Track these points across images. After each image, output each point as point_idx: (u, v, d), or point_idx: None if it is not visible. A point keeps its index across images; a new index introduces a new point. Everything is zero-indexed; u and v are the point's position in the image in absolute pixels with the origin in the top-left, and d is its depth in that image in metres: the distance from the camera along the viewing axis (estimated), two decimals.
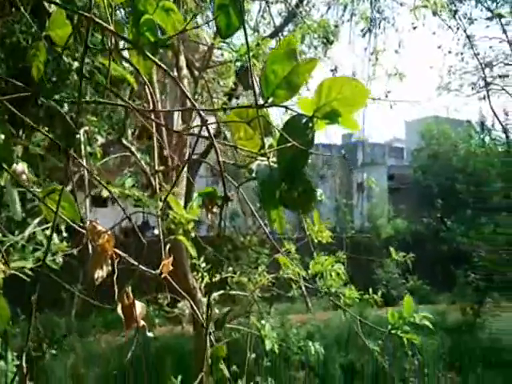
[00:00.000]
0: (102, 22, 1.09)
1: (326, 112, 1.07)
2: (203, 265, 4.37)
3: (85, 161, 2.54)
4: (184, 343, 7.70)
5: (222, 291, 4.43)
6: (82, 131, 2.64)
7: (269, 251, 8.97)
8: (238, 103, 5.74)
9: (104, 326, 9.74)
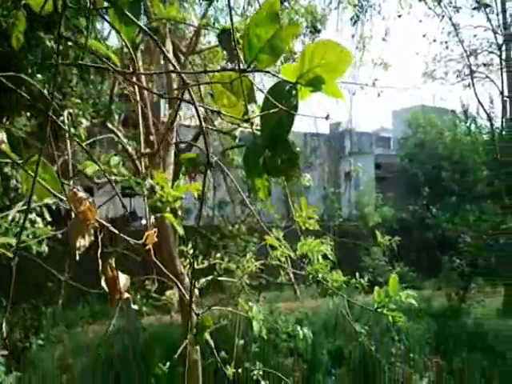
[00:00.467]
0: None
1: (309, 79, 1.06)
2: (191, 251, 4.37)
3: (69, 143, 2.51)
4: (172, 332, 7.69)
5: (210, 277, 4.43)
6: (65, 113, 2.60)
7: (257, 240, 8.98)
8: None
9: (91, 316, 9.70)
